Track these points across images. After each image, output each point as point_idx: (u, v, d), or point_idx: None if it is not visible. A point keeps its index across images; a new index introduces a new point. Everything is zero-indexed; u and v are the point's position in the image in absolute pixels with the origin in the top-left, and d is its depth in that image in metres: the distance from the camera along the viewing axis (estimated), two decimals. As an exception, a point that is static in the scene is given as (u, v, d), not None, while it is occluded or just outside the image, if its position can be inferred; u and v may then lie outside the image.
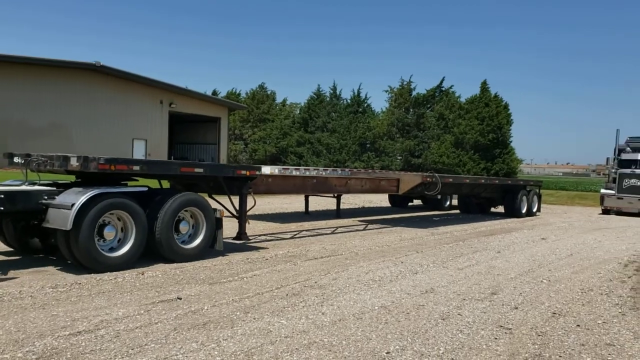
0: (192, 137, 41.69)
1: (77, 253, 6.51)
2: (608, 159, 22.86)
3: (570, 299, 6.39)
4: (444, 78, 59.55)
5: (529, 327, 5.17)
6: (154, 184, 8.29)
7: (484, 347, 4.54)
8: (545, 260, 9.10)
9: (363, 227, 13.05)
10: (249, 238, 9.91)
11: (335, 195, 14.36)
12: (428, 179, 13.51)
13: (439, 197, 18.03)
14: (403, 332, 4.82)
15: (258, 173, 9.24)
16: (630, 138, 22.95)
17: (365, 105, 47.27)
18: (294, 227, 12.35)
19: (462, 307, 5.77)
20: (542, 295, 6.50)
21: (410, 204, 20.18)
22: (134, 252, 7.01)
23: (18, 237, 7.45)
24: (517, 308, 5.84)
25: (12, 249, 7.76)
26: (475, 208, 18.58)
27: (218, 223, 8.04)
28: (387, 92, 45.52)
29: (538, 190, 19.06)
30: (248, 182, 9.14)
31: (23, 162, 7.35)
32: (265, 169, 10.64)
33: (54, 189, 6.81)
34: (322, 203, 16.94)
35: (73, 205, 6.29)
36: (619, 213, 20.29)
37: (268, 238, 10.38)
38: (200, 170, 8.16)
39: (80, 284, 6.03)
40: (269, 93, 55.30)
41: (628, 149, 22.15)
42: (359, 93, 47.14)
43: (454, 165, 38.14)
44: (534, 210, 18.53)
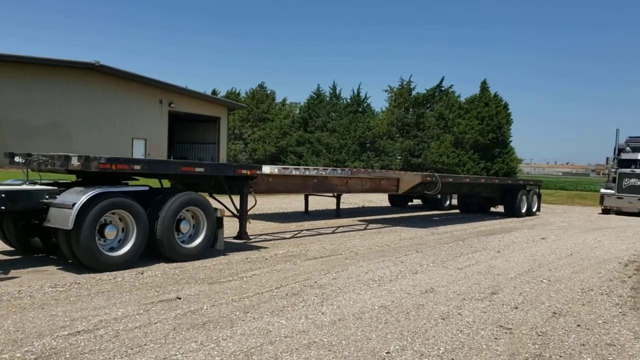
0: (191, 136, 41.67)
1: (78, 252, 6.49)
2: (608, 159, 22.85)
3: (571, 299, 6.38)
4: (444, 78, 59.79)
5: (529, 327, 5.16)
6: (155, 184, 8.28)
7: (484, 347, 4.53)
8: (545, 260, 9.09)
9: (363, 226, 13.04)
10: (250, 237, 9.90)
11: (335, 195, 14.35)
12: (428, 179, 13.50)
13: (439, 196, 18.04)
14: (403, 332, 4.81)
15: (259, 172, 9.22)
16: (630, 138, 22.95)
17: (365, 105, 47.28)
18: (294, 226, 12.33)
19: (462, 306, 5.76)
20: (542, 295, 6.49)
21: (410, 204, 20.17)
22: (135, 251, 6.99)
23: (19, 236, 7.44)
24: (517, 308, 5.83)
25: (13, 249, 7.74)
26: (475, 208, 18.57)
27: (219, 222, 8.03)
28: (386, 91, 45.62)
29: (538, 190, 19.07)
30: (249, 181, 9.12)
31: (24, 161, 7.35)
32: (265, 169, 10.61)
33: (55, 189, 6.80)
34: (321, 203, 16.93)
35: (74, 205, 6.28)
36: (619, 213, 20.29)
37: (268, 238, 10.37)
38: (201, 170, 8.14)
39: (80, 284, 6.02)
40: (269, 93, 55.33)
41: (628, 149, 22.15)
42: (359, 93, 47.20)
43: (454, 165, 38.15)
44: (534, 210, 18.52)
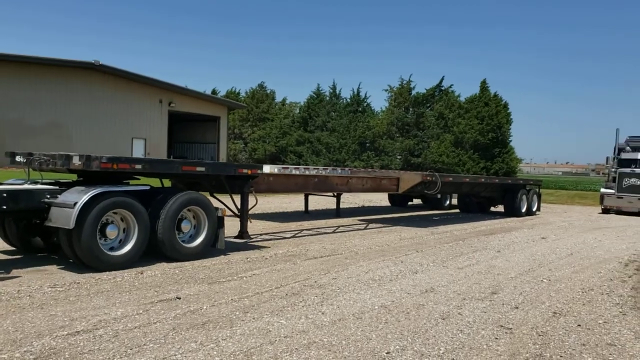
0: (191, 136, 41.66)
1: (79, 252, 6.49)
2: (608, 158, 22.85)
3: (571, 299, 6.37)
4: (444, 77, 59.86)
5: (530, 326, 5.15)
6: (155, 183, 8.27)
7: (485, 347, 4.52)
8: (546, 260, 9.08)
9: (363, 226, 13.03)
10: (251, 237, 9.89)
11: (335, 195, 14.34)
12: (428, 178, 13.49)
13: (439, 196, 18.04)
14: (403, 331, 4.80)
15: (260, 172, 9.22)
16: (630, 137, 22.95)
17: (365, 105, 47.28)
18: (294, 226, 12.32)
19: (462, 306, 5.75)
20: (542, 295, 6.48)
21: (410, 203, 20.16)
22: (137, 250, 6.99)
23: (20, 236, 7.44)
24: (517, 308, 5.82)
25: (14, 248, 7.73)
26: (475, 207, 18.56)
27: (220, 222, 8.02)
28: (386, 91, 45.59)
29: (538, 190, 19.06)
30: (250, 180, 9.12)
31: (25, 161, 7.35)
32: (266, 168, 10.61)
33: (57, 188, 6.79)
34: (321, 202, 16.92)
35: (76, 204, 6.27)
36: (619, 212, 20.29)
37: (267, 237, 10.36)
38: (202, 169, 8.14)
39: (79, 284, 6.01)
40: (269, 92, 55.29)
41: (628, 148, 22.14)
42: (359, 92, 47.21)
43: (454, 165, 38.15)
44: (534, 210, 18.51)
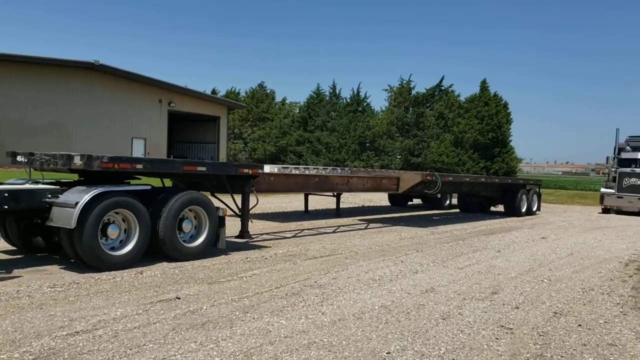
0: (191, 136, 41.64)
1: (80, 252, 6.48)
2: (608, 158, 22.84)
3: (571, 299, 6.35)
4: (444, 77, 59.86)
5: (530, 327, 5.14)
6: (156, 183, 8.26)
7: (485, 347, 4.51)
8: (546, 260, 9.07)
9: (363, 226, 13.02)
10: (252, 237, 9.89)
11: (335, 194, 14.33)
12: (428, 178, 13.48)
13: (439, 196, 18.03)
14: (403, 332, 4.79)
15: (260, 171, 9.23)
16: (630, 137, 22.94)
17: (365, 105, 47.22)
18: (294, 226, 12.31)
19: (462, 306, 5.74)
20: (543, 295, 6.47)
21: (410, 203, 20.15)
22: (138, 250, 6.99)
23: (21, 235, 7.44)
24: (518, 308, 5.81)
25: (15, 248, 7.73)
26: (475, 207, 18.55)
27: (221, 221, 8.02)
28: (386, 91, 45.54)
29: (538, 189, 19.05)
30: (250, 180, 9.11)
31: (26, 160, 7.34)
32: (266, 168, 10.61)
33: (58, 188, 6.79)
34: (321, 202, 16.91)
35: (77, 204, 6.26)
36: (619, 212, 20.28)
37: (267, 237, 10.35)
38: (203, 169, 8.13)
39: (79, 284, 6.00)
40: (269, 92, 55.24)
41: (628, 148, 22.14)
42: (359, 92, 47.14)
43: (454, 165, 38.12)
44: (534, 209, 18.51)
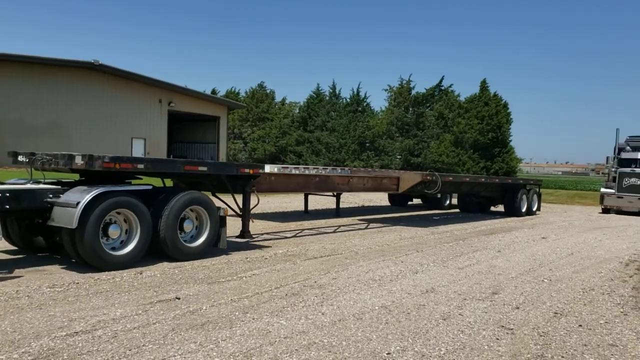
0: (191, 136, 41.63)
1: (82, 251, 6.48)
2: (608, 158, 22.83)
3: (572, 299, 6.34)
4: (444, 77, 59.95)
5: (531, 327, 5.13)
6: (157, 183, 8.25)
7: (486, 347, 4.50)
8: (546, 260, 9.06)
9: (363, 226, 13.01)
10: (253, 236, 9.88)
11: (335, 194, 14.31)
12: (428, 178, 13.47)
13: (439, 196, 18.01)
14: (404, 332, 4.78)
15: (261, 171, 9.23)
16: (630, 137, 22.93)
17: (365, 104, 47.21)
18: (294, 226, 12.30)
19: (463, 307, 5.73)
20: (543, 295, 6.46)
21: (410, 203, 20.13)
22: (139, 250, 6.98)
23: (22, 235, 7.43)
24: (518, 308, 5.80)
25: (16, 248, 7.72)
26: (475, 207, 18.54)
27: (222, 221, 8.02)
28: (386, 91, 45.52)
29: (538, 189, 19.04)
30: (251, 180, 9.11)
31: (27, 160, 7.33)
32: (266, 168, 10.60)
33: (59, 188, 6.78)
34: (321, 202, 16.90)
35: (78, 204, 6.26)
36: (619, 212, 20.27)
37: (267, 237, 10.33)
38: (204, 169, 8.13)
39: (78, 284, 5.98)
40: (268, 92, 55.24)
41: (628, 148, 22.12)
42: (359, 92, 47.14)
43: (454, 165, 38.11)
44: (534, 209, 18.50)
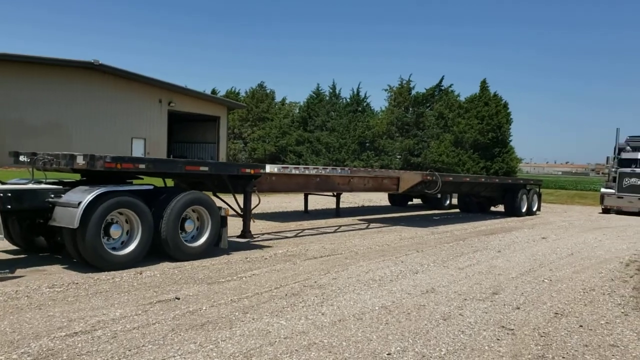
0: (191, 136, 41.60)
1: (83, 251, 6.47)
2: (608, 158, 22.82)
3: (572, 299, 6.33)
4: (444, 77, 59.95)
5: (532, 327, 5.11)
6: (158, 183, 8.24)
7: (487, 348, 4.48)
8: (546, 260, 9.04)
9: (363, 226, 12.99)
10: (254, 236, 9.87)
11: (335, 194, 14.30)
12: (428, 178, 13.46)
13: (439, 196, 17.99)
14: (404, 332, 4.76)
15: (262, 171, 9.24)
16: (630, 137, 22.92)
17: (365, 104, 47.22)
18: (294, 226, 12.29)
19: (463, 307, 5.72)
20: (543, 295, 6.44)
21: (410, 203, 20.12)
22: (141, 250, 6.98)
23: (24, 235, 7.42)
24: (519, 308, 5.78)
25: (18, 248, 7.71)
26: (475, 207, 18.53)
27: (223, 221, 8.02)
28: (386, 91, 45.52)
29: (538, 190, 19.03)
30: (252, 180, 9.11)
31: (29, 160, 7.32)
32: (267, 168, 10.61)
33: (60, 188, 6.78)
34: (321, 202, 16.88)
35: (80, 204, 6.25)
36: (619, 212, 20.26)
37: (267, 237, 10.32)
38: (205, 169, 8.13)
39: (78, 284, 5.97)
40: (268, 92, 55.23)
41: (628, 148, 22.11)
42: (359, 92, 47.15)
43: (454, 164, 38.11)
44: (534, 210, 18.49)
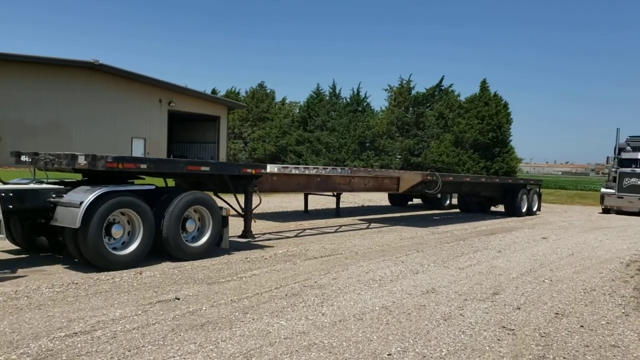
0: (191, 136, 41.59)
1: (85, 251, 6.47)
2: (608, 158, 22.81)
3: (573, 299, 6.32)
4: (444, 77, 59.93)
5: (532, 327, 5.10)
6: (159, 183, 8.24)
7: (487, 348, 4.47)
8: (547, 260, 9.03)
9: (363, 226, 12.98)
10: (255, 236, 9.86)
11: (335, 194, 14.29)
12: (428, 178, 13.44)
13: (439, 196, 17.98)
14: (404, 333, 4.75)
15: (263, 171, 9.24)
16: (631, 137, 22.91)
17: (365, 104, 47.20)
18: (294, 225, 12.28)
19: (463, 307, 5.71)
20: (544, 295, 6.43)
21: (410, 203, 20.11)
22: (142, 250, 6.98)
23: (25, 235, 7.42)
24: (519, 308, 5.77)
25: (19, 248, 7.71)
26: (476, 207, 18.52)
27: (224, 221, 8.02)
28: (386, 90, 45.50)
29: (538, 189, 19.02)
30: (253, 180, 9.11)
31: (30, 160, 7.32)
32: (267, 168, 10.62)
33: (62, 188, 6.78)
34: (321, 202, 16.87)
35: (81, 204, 6.25)
36: (619, 212, 20.25)
37: (267, 237, 10.31)
38: (207, 169, 8.13)
39: (77, 284, 5.96)
40: (269, 92, 55.19)
41: (628, 148, 22.10)
42: (359, 92, 47.13)
43: (454, 164, 38.10)
44: (534, 209, 18.48)
